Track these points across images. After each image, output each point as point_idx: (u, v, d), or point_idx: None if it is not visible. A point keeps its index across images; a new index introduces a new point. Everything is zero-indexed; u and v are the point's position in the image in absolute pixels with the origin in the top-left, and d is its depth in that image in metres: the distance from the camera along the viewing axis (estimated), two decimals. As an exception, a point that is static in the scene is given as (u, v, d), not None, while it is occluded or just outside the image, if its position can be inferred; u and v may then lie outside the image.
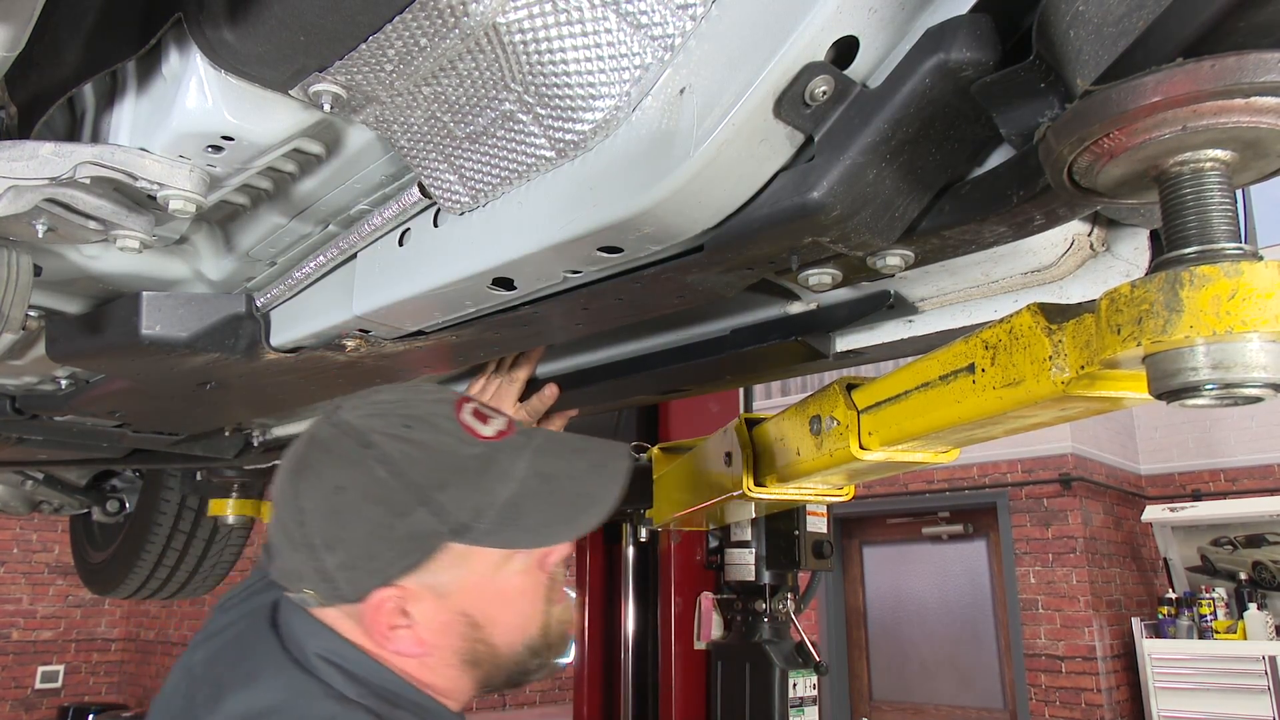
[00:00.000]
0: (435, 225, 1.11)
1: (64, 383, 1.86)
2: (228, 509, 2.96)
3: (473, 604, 0.96)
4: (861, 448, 1.20)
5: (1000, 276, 1.14)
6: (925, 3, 0.76)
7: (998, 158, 0.88)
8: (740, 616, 2.49)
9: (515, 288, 1.07)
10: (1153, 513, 7.19)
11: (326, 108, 0.91)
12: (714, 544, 2.57)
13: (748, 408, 2.83)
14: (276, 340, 1.42)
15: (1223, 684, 6.41)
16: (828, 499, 1.59)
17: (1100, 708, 6.69)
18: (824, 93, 0.75)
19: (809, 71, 0.74)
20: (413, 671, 0.96)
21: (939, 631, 7.90)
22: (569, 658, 1.09)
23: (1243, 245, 0.64)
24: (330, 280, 1.31)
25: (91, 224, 1.11)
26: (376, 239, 1.20)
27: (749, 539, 2.47)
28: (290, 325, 1.39)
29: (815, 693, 2.40)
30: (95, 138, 1.08)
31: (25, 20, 0.79)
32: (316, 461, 0.95)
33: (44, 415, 2.00)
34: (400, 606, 0.94)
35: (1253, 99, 0.59)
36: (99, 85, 1.07)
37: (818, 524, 2.41)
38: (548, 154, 0.92)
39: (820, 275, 0.98)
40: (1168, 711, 6.59)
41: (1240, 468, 7.63)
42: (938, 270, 1.16)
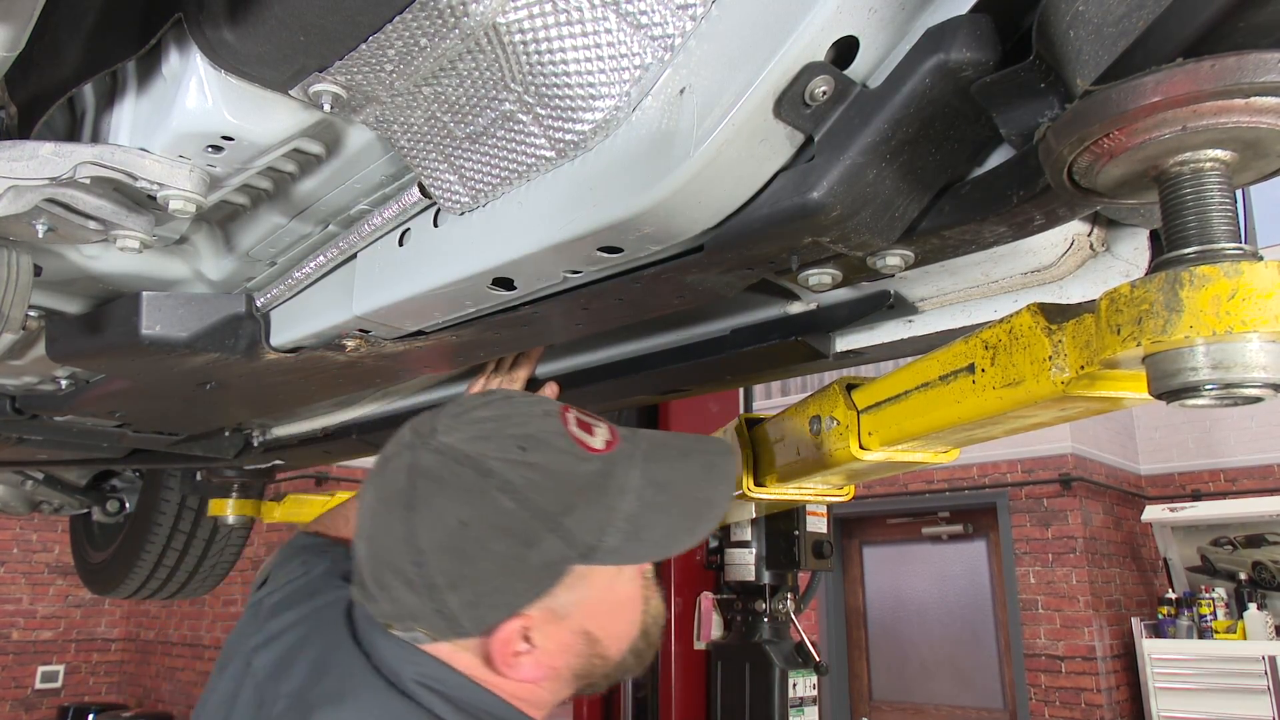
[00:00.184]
0: (435, 225, 1.11)
1: (64, 383, 1.86)
2: (228, 509, 2.96)
3: (591, 620, 0.94)
4: (861, 448, 1.20)
5: (1000, 276, 1.14)
6: (925, 3, 0.76)
7: (998, 158, 0.88)
8: (740, 616, 2.49)
9: (515, 288, 1.07)
10: (1152, 513, 7.18)
11: (326, 108, 0.91)
12: (714, 544, 2.57)
13: (748, 408, 2.83)
14: (276, 340, 1.42)
15: (1223, 684, 6.40)
16: (828, 499, 1.60)
17: (1100, 708, 6.68)
18: (824, 93, 0.75)
19: (809, 71, 0.74)
20: (522, 694, 0.94)
21: (939, 631, 7.89)
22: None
23: (1243, 245, 0.65)
24: (330, 280, 1.31)
25: (91, 224, 1.11)
26: (376, 239, 1.20)
27: (749, 539, 2.47)
28: (290, 325, 1.39)
29: (815, 693, 2.40)
30: (95, 138, 1.08)
31: (25, 20, 0.79)
32: (430, 495, 0.88)
33: (44, 415, 2.00)
34: (524, 634, 0.91)
35: (1253, 99, 0.59)
36: (99, 85, 1.07)
37: (818, 524, 2.42)
38: (548, 154, 0.92)
39: (820, 275, 0.98)
40: (1168, 711, 6.58)
41: (1240, 468, 7.63)
42: (938, 270, 1.16)
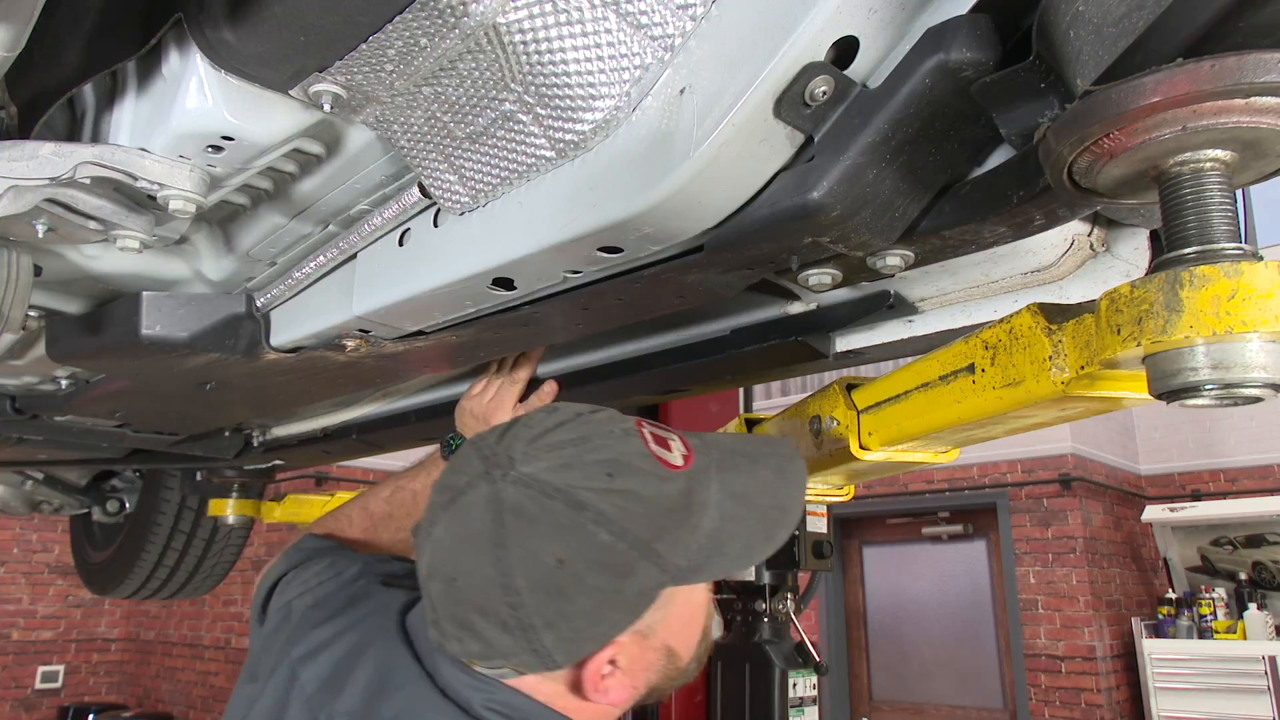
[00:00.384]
0: (435, 225, 1.11)
1: (64, 383, 1.86)
2: (228, 509, 2.96)
3: (672, 635, 0.93)
4: (861, 448, 1.20)
5: (1000, 276, 1.14)
6: (925, 3, 0.76)
7: (998, 158, 0.88)
8: (740, 616, 2.49)
9: (515, 288, 1.07)
10: (1153, 513, 7.18)
11: (326, 108, 0.91)
12: (714, 544, 2.56)
13: (748, 408, 2.83)
14: (276, 340, 1.42)
15: (1223, 684, 6.40)
16: (828, 499, 1.60)
17: (1100, 708, 6.68)
18: (824, 93, 0.75)
19: (809, 72, 0.74)
20: (597, 715, 0.94)
21: (939, 631, 7.89)
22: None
23: (1243, 245, 0.65)
24: (330, 280, 1.31)
25: (91, 224, 1.11)
26: (376, 239, 1.20)
27: (749, 539, 2.46)
28: (290, 325, 1.39)
29: (815, 693, 2.40)
30: (95, 138, 1.08)
31: (25, 20, 0.79)
32: (522, 533, 0.84)
33: (44, 415, 2.00)
34: (612, 659, 0.90)
35: (1253, 99, 0.59)
36: (99, 85, 1.06)
37: (818, 524, 2.41)
38: (548, 154, 0.92)
39: (820, 275, 0.98)
40: (1168, 711, 6.58)
41: (1240, 468, 7.63)
42: (938, 270, 1.16)
